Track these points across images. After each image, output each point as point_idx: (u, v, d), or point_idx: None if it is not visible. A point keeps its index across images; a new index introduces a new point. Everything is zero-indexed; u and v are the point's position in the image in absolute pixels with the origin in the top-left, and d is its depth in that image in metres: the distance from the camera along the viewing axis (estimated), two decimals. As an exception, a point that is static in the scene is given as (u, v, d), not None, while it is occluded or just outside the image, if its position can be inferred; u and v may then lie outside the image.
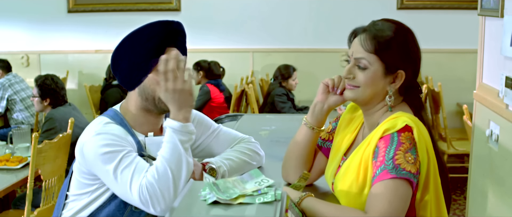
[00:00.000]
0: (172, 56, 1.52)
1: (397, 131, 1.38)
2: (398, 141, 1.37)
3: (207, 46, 5.90)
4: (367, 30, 1.46)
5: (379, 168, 1.35)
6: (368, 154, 1.42)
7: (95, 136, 1.56)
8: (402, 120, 1.40)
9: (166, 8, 6.04)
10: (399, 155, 1.35)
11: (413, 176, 1.34)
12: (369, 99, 1.49)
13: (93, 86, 5.81)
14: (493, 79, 2.55)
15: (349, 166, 1.47)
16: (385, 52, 1.43)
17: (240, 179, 1.39)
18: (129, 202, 1.54)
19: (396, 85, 1.46)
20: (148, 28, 1.61)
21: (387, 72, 1.45)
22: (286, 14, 6.00)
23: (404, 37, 1.46)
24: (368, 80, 1.45)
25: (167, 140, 1.53)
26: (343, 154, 1.58)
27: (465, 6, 5.56)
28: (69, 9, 6.19)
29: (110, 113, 1.68)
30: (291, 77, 4.84)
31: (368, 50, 1.44)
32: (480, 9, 2.72)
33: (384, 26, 1.46)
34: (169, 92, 1.52)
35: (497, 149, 2.44)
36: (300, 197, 1.43)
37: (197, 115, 1.88)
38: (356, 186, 1.42)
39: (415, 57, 1.48)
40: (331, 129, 1.72)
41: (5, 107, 5.05)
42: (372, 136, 1.44)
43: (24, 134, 3.65)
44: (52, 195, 3.05)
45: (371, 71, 1.45)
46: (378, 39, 1.43)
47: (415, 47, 1.48)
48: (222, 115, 3.03)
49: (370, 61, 1.44)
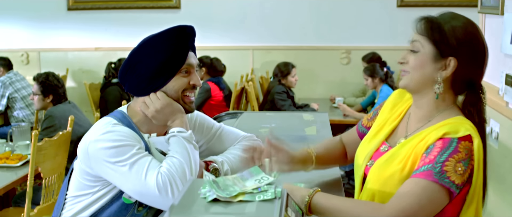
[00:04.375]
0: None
1: (458, 138, 1.34)
2: (455, 148, 1.33)
3: (207, 43, 5.90)
4: (429, 17, 1.45)
5: (426, 166, 1.32)
6: (420, 149, 1.38)
7: (104, 134, 1.55)
8: (466, 128, 1.36)
9: (166, 6, 6.04)
10: (450, 162, 1.31)
11: (455, 187, 1.31)
12: (418, 86, 1.45)
13: (93, 84, 5.81)
14: (493, 77, 2.55)
15: (396, 154, 1.44)
16: (437, 34, 1.40)
17: (240, 177, 1.39)
18: (139, 194, 1.52)
19: (446, 72, 1.41)
20: (167, 34, 1.63)
21: (438, 56, 1.41)
22: (286, 11, 6.00)
23: (462, 25, 1.40)
24: (416, 63, 1.42)
25: (172, 141, 1.61)
26: (384, 138, 1.55)
27: (465, 4, 5.55)
28: (69, 6, 6.18)
29: (118, 115, 1.67)
30: (290, 74, 4.84)
31: (421, 33, 1.42)
32: (480, 7, 2.72)
33: (445, 15, 1.43)
34: (154, 115, 1.63)
35: (497, 147, 2.44)
36: (309, 194, 1.38)
37: (198, 115, 1.88)
38: (399, 176, 1.39)
39: (473, 49, 1.41)
40: (371, 116, 1.72)
41: (6, 105, 5.05)
42: (429, 133, 1.40)
43: (24, 131, 3.64)
44: (52, 193, 3.06)
45: (421, 53, 1.42)
46: (432, 22, 1.42)
47: (475, 40, 1.42)
48: (222, 113, 3.02)
49: (422, 44, 1.42)
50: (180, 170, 1.52)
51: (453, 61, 1.40)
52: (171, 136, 1.62)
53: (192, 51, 1.68)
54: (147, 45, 1.63)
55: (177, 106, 1.65)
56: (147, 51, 1.62)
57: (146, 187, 1.49)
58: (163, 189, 1.47)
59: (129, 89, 1.68)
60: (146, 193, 1.50)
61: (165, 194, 1.48)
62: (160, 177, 1.49)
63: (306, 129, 2.61)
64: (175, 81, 1.64)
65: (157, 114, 1.63)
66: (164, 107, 1.63)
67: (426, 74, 1.43)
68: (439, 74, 1.42)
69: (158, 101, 1.62)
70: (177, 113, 1.65)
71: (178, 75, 1.64)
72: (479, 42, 1.42)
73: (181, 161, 1.54)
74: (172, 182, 1.49)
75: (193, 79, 1.67)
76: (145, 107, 1.64)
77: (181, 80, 1.65)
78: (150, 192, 1.49)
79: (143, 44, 1.64)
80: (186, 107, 1.69)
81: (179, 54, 1.62)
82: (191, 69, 1.67)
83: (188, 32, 1.65)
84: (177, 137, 1.60)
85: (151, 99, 1.63)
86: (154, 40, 1.62)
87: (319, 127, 2.63)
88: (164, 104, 1.62)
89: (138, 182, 1.50)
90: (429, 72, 1.42)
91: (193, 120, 1.84)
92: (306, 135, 2.48)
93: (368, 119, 1.73)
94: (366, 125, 1.72)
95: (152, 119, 1.65)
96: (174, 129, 1.62)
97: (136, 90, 1.67)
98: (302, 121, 2.81)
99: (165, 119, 1.65)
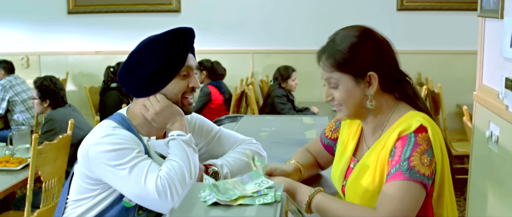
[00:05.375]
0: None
1: (413, 132, 1.39)
2: (415, 142, 1.38)
3: (207, 47, 5.90)
4: (324, 49, 1.49)
5: (394, 167, 1.36)
6: (384, 156, 1.42)
7: (104, 137, 1.56)
8: (416, 120, 1.40)
9: (166, 10, 6.05)
10: (415, 157, 1.35)
11: (427, 179, 1.35)
12: (356, 112, 1.50)
13: (93, 87, 5.81)
14: (493, 80, 2.55)
15: (363, 167, 1.47)
16: (345, 64, 1.44)
17: (240, 180, 1.39)
18: (139, 198, 1.52)
19: (373, 87, 1.46)
20: (167, 36, 1.62)
21: (358, 80, 1.45)
22: (286, 15, 6.00)
23: (360, 41, 1.44)
24: (344, 96, 1.46)
25: (172, 145, 1.61)
26: (351, 155, 1.58)
27: (465, 7, 5.57)
28: (69, 10, 6.19)
29: (117, 118, 1.67)
30: (290, 78, 4.84)
31: (329, 70, 1.46)
32: (480, 10, 2.72)
33: (339, 39, 1.47)
34: (153, 117, 1.63)
35: (497, 150, 2.44)
36: (310, 194, 1.43)
37: (198, 118, 1.88)
38: (373, 188, 1.42)
39: (377, 53, 1.45)
40: (334, 127, 1.74)
41: (6, 108, 5.05)
42: (387, 138, 1.44)
43: (24, 135, 3.65)
44: (52, 196, 3.05)
45: (342, 86, 1.46)
46: (334, 56, 1.45)
47: (373, 43, 1.46)
48: (221, 116, 3.03)
49: (337, 78, 1.45)
50: (179, 174, 1.52)
51: (372, 74, 1.44)
52: (170, 139, 1.62)
53: (191, 53, 1.68)
54: (146, 47, 1.62)
55: (176, 108, 1.65)
56: (146, 53, 1.61)
57: (146, 191, 1.49)
58: (162, 193, 1.47)
59: (128, 91, 1.68)
60: (146, 197, 1.50)
61: (165, 198, 1.47)
62: (159, 181, 1.49)
63: (306, 132, 2.61)
64: (174, 83, 1.64)
65: (156, 117, 1.63)
66: (164, 109, 1.62)
67: (358, 99, 1.47)
68: (368, 92, 1.46)
69: (158, 104, 1.62)
70: (177, 116, 1.65)
71: (177, 77, 1.63)
72: (374, 41, 1.46)
73: (181, 165, 1.54)
74: (172, 186, 1.48)
75: (192, 81, 1.67)
76: (145, 109, 1.64)
77: (180, 83, 1.64)
78: (149, 196, 1.49)
79: (142, 46, 1.63)
80: (184, 109, 1.69)
81: (178, 57, 1.62)
82: (190, 71, 1.66)
83: (188, 34, 1.65)
84: (176, 140, 1.60)
85: (151, 101, 1.63)
86: (153, 43, 1.62)
87: (319, 131, 2.62)
88: (163, 107, 1.62)
89: (138, 186, 1.50)
90: (359, 96, 1.47)
91: (193, 123, 1.84)
92: (306, 139, 2.48)
93: (331, 130, 1.75)
94: (330, 136, 1.75)
95: (151, 121, 1.65)
96: (174, 133, 1.62)
97: (135, 92, 1.66)
98: (302, 125, 2.81)
99: (164, 122, 1.64)
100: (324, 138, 1.77)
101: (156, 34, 1.64)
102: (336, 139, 1.72)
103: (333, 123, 1.76)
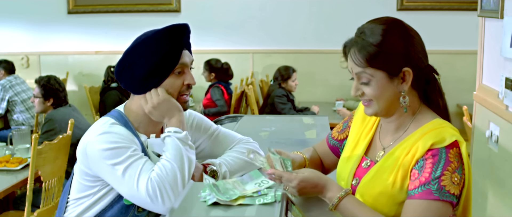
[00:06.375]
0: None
1: (445, 147, 1.33)
2: (446, 159, 1.32)
3: (207, 47, 5.90)
4: (355, 42, 1.40)
5: (424, 185, 1.31)
6: (409, 163, 1.37)
7: (101, 135, 1.57)
8: (450, 134, 1.35)
9: (166, 10, 6.05)
10: (446, 176, 1.31)
11: (455, 198, 1.32)
12: (389, 109, 1.43)
13: (93, 87, 5.81)
14: (493, 80, 2.55)
15: (381, 169, 1.42)
16: (380, 60, 1.36)
17: (240, 180, 1.40)
18: (134, 199, 1.53)
19: (407, 83, 1.39)
20: (160, 34, 1.62)
21: (392, 76, 1.38)
22: (286, 15, 6.00)
23: (392, 34, 1.38)
24: (377, 92, 1.40)
25: (167, 142, 1.60)
26: (363, 153, 1.53)
27: (465, 7, 5.57)
28: (69, 10, 6.19)
29: (115, 114, 1.68)
30: (290, 78, 4.84)
31: (362, 65, 1.38)
32: (480, 10, 2.72)
33: (370, 31, 1.39)
34: (150, 110, 1.63)
35: (497, 150, 2.44)
36: (341, 195, 1.38)
37: (196, 116, 1.89)
38: (390, 191, 1.38)
39: (409, 45, 1.39)
40: (342, 128, 1.71)
41: (6, 108, 5.05)
42: (413, 144, 1.38)
43: (24, 135, 3.64)
44: (52, 196, 3.05)
45: (375, 82, 1.39)
46: (367, 50, 1.37)
47: (409, 37, 1.40)
48: (221, 116, 3.03)
49: (370, 73, 1.38)
50: (171, 175, 1.51)
51: (407, 70, 1.38)
52: (166, 135, 1.62)
53: (186, 49, 1.67)
54: (141, 45, 1.62)
55: (175, 103, 1.64)
56: (141, 52, 1.61)
57: (138, 193, 1.50)
58: (153, 195, 1.48)
59: (125, 87, 1.69)
60: (139, 199, 1.52)
61: (156, 200, 1.48)
62: (150, 184, 1.49)
63: (306, 132, 2.61)
64: (170, 82, 1.64)
65: (153, 110, 1.63)
66: (161, 103, 1.62)
67: (391, 96, 1.41)
68: (401, 88, 1.40)
69: (157, 97, 1.62)
70: (175, 111, 1.64)
71: (172, 75, 1.63)
72: (409, 35, 1.40)
73: (173, 166, 1.53)
74: (162, 189, 1.48)
75: (187, 78, 1.66)
76: (144, 101, 1.65)
77: (176, 81, 1.64)
78: (142, 199, 1.50)
79: (137, 43, 1.63)
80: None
81: (172, 55, 1.61)
82: (185, 68, 1.66)
83: (182, 30, 1.64)
84: (171, 138, 1.60)
85: (151, 94, 1.63)
86: (148, 40, 1.62)
87: (319, 131, 2.63)
88: (161, 100, 1.62)
89: (132, 187, 1.51)
90: (392, 92, 1.40)
91: (191, 120, 1.85)
92: (306, 139, 2.48)
93: (338, 131, 1.71)
94: (337, 137, 1.71)
95: (149, 114, 1.65)
96: (170, 129, 1.62)
97: (132, 88, 1.67)
98: (302, 125, 2.81)
99: (161, 116, 1.64)
100: (330, 139, 1.74)
101: (151, 30, 1.64)
102: (342, 140, 1.69)
103: (341, 124, 1.73)
